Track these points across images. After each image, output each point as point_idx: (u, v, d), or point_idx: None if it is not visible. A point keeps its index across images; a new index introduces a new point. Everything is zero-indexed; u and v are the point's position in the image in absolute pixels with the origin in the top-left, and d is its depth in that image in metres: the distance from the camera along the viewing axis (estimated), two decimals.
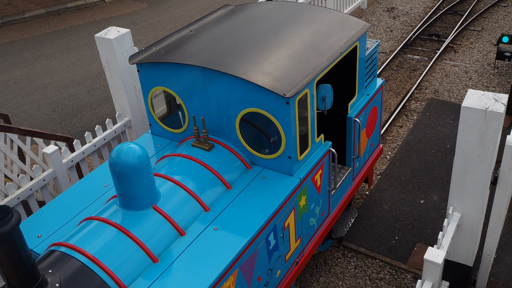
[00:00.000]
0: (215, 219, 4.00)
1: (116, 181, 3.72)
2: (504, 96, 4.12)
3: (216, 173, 4.31)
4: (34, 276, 3.07)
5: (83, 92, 10.14)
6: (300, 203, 4.55)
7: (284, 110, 4.11)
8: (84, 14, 14.66)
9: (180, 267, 3.61)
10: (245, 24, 5.00)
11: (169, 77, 4.68)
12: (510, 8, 12.00)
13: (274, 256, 4.33)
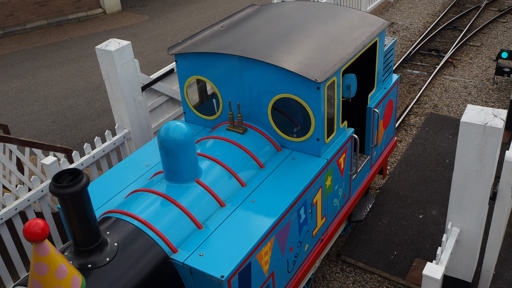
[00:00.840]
0: (251, 193, 4.39)
1: (164, 156, 4.15)
2: (503, 112, 4.13)
3: (251, 154, 4.70)
4: (97, 235, 3.46)
5: (83, 104, 10.15)
6: (326, 183, 4.92)
7: (315, 95, 4.49)
8: (85, 25, 14.73)
9: (223, 233, 3.98)
10: (274, 20, 5.41)
11: (206, 67, 5.04)
12: (509, 24, 12.07)
13: (303, 230, 4.69)
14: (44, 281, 3.04)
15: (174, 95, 7.06)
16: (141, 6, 16.06)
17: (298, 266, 4.77)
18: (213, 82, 5.07)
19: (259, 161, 4.71)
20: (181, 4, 15.95)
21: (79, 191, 3.16)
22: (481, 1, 13.63)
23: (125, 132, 6.30)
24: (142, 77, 6.39)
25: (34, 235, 2.85)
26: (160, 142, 4.09)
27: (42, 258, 2.99)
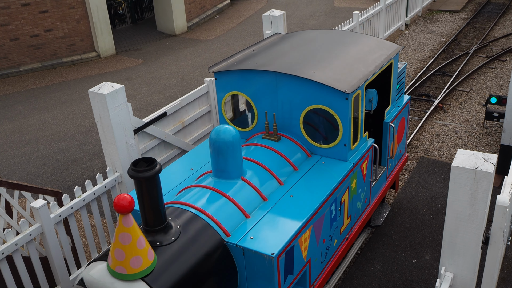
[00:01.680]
0: (289, 190, 5.00)
1: (214, 156, 4.77)
2: (494, 156, 4.15)
3: (286, 158, 5.32)
4: (164, 217, 4.01)
5: (74, 146, 10.13)
6: (352, 185, 5.51)
7: (344, 105, 5.12)
8: (79, 69, 14.87)
9: (269, 221, 4.58)
10: (301, 44, 6.15)
11: (243, 83, 5.68)
12: (497, 70, 12.32)
13: (334, 225, 5.27)
14: (126, 249, 3.54)
15: (167, 138, 7.06)
16: (135, 50, 16.28)
17: (328, 258, 5.33)
18: (250, 96, 5.71)
19: (293, 164, 5.34)
20: (174, 48, 16.19)
21: (153, 175, 3.73)
22: (470, 48, 13.95)
23: (117, 175, 6.26)
24: (134, 120, 6.41)
25: (122, 207, 3.38)
26: (212, 143, 4.72)
27: (127, 228, 3.49)
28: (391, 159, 6.63)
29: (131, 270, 3.61)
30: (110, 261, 3.66)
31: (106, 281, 3.71)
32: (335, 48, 5.96)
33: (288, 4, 20.42)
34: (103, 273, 3.75)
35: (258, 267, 4.30)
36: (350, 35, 6.44)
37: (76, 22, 15.16)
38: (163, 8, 17.59)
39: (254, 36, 16.55)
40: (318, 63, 5.51)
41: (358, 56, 5.79)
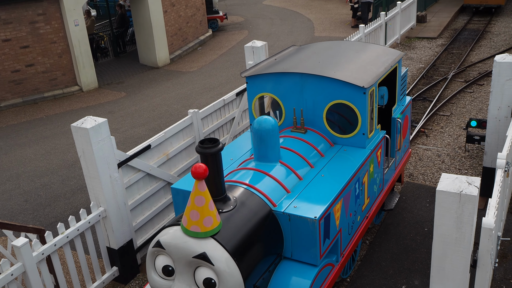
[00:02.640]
0: (320, 171, 5.77)
1: (257, 142, 5.60)
2: (477, 179, 4.19)
3: (313, 146, 6.11)
4: (224, 190, 4.77)
5: (57, 182, 10.00)
6: (370, 169, 6.29)
7: (362, 98, 5.96)
8: (61, 103, 14.80)
9: (307, 194, 5.34)
10: (318, 52, 7.06)
11: (271, 85, 6.49)
12: (475, 94, 12.54)
13: (357, 202, 6.02)
14: (200, 211, 4.23)
15: (151, 171, 7.01)
16: (118, 83, 16.29)
17: (353, 232, 6.07)
18: (278, 96, 6.52)
19: (320, 151, 6.12)
20: (157, 80, 16.23)
21: (217, 151, 4.47)
22: (448, 73, 14.22)
23: (101, 210, 6.18)
24: (118, 154, 6.37)
25: (199, 174, 4.05)
26: (255, 132, 5.55)
27: (201, 192, 4.18)
28: (398, 151, 7.46)
29: (204, 228, 4.29)
30: (185, 222, 4.35)
31: (181, 240, 4.36)
32: (348, 54, 6.91)
33: (269, 34, 20.70)
34: (178, 233, 4.42)
35: (302, 231, 5.03)
36: (359, 44, 7.54)
37: (58, 57, 15.16)
38: (145, 41, 17.70)
39: (236, 67, 16.69)
40: (336, 66, 6.38)
41: (369, 60, 6.72)
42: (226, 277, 4.27)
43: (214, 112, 8.28)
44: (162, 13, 17.42)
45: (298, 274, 5.11)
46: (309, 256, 5.14)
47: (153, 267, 4.61)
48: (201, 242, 4.32)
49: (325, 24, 21.48)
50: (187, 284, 4.39)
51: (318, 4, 26.23)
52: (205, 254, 4.26)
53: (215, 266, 4.26)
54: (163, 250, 4.46)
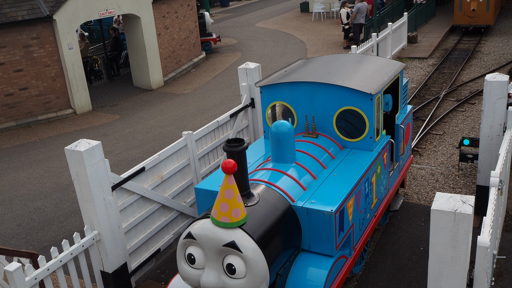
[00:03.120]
0: (332, 171, 6.22)
1: (275, 145, 6.07)
2: (471, 198, 4.20)
3: (325, 149, 6.57)
4: (248, 186, 5.23)
5: (50, 205, 9.93)
6: (377, 170, 6.73)
7: (369, 104, 6.41)
8: (55, 126, 14.79)
9: (323, 191, 5.78)
10: (326, 64, 7.53)
11: (284, 93, 6.98)
12: (467, 113, 12.64)
13: (367, 200, 6.48)
14: (229, 203, 4.63)
15: (145, 194, 6.99)
16: (112, 106, 16.31)
17: (364, 228, 6.49)
18: (290, 104, 7.00)
19: (331, 154, 6.58)
20: (151, 103, 16.27)
21: (242, 150, 4.95)
22: (440, 92, 14.34)
23: (94, 234, 6.13)
24: (112, 177, 6.34)
25: (229, 168, 4.47)
26: (272, 135, 6.03)
27: (230, 186, 4.57)
28: (402, 156, 7.94)
29: (232, 219, 4.69)
30: (215, 214, 4.73)
31: (211, 231, 4.76)
32: (354, 65, 7.40)
33: (262, 56, 20.86)
34: (208, 225, 4.81)
35: (319, 224, 5.47)
36: (363, 56, 8.13)
37: (51, 80, 15.19)
38: (139, 63, 17.79)
39: (230, 88, 16.78)
40: (344, 75, 6.86)
41: (374, 70, 7.21)
42: (253, 263, 4.68)
43: (208, 133, 8.29)
44: (155, 36, 17.55)
45: (316, 264, 5.55)
46: (326, 248, 5.58)
47: (184, 258, 4.98)
48: (230, 232, 4.71)
49: (318, 46, 21.69)
50: (217, 271, 4.77)
51: (310, 26, 26.51)
52: (234, 242, 4.66)
53: (243, 253, 4.65)
54: (194, 240, 4.83)
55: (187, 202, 7.96)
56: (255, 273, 4.69)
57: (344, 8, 20.57)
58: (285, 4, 36.05)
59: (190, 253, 4.89)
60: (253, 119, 9.35)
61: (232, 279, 4.73)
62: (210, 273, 4.77)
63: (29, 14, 14.26)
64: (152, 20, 17.31)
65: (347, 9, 20.48)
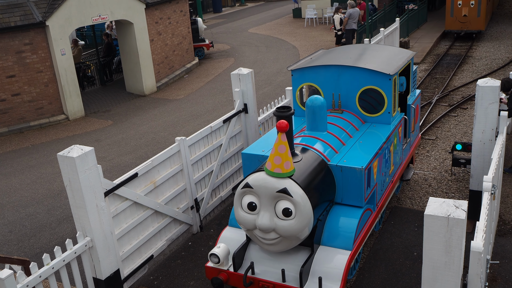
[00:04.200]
0: (358, 139, 7.19)
1: (310, 116, 7.07)
2: (464, 203, 4.21)
3: (350, 122, 7.53)
4: (293, 146, 6.19)
5: (42, 211, 9.86)
6: (394, 142, 7.74)
7: (388, 84, 7.44)
8: (48, 132, 14.72)
9: (352, 153, 6.75)
10: (347, 52, 8.62)
11: (312, 75, 7.93)
12: (459, 118, 12.71)
13: (386, 165, 7.49)
14: (282, 156, 5.55)
15: (138, 200, 6.96)
16: (104, 112, 16.26)
17: (384, 189, 7.54)
18: (318, 85, 7.92)
19: (355, 126, 7.53)
20: (144, 108, 16.24)
21: (291, 115, 5.96)
22: (432, 97, 14.41)
23: (87, 240, 6.10)
24: (105, 183, 6.32)
25: (283, 127, 5.45)
26: (308, 108, 7.04)
27: (283, 142, 5.50)
28: (412, 133, 8.88)
29: (284, 170, 5.60)
30: (270, 166, 5.64)
31: (265, 180, 5.67)
32: (372, 53, 8.52)
33: (255, 61, 20.89)
34: (262, 176, 5.73)
35: (351, 178, 6.43)
36: (379, 46, 9.19)
37: (44, 86, 15.13)
38: (132, 69, 17.76)
39: (223, 94, 16.78)
40: (365, 60, 7.89)
41: (389, 56, 8.26)
42: (301, 207, 5.59)
43: (202, 139, 8.28)
44: (148, 42, 17.54)
45: (348, 214, 6.52)
46: (356, 200, 6.54)
47: (240, 205, 5.88)
48: (281, 181, 5.63)
49: (311, 51, 21.74)
50: (270, 214, 5.66)
51: (303, 31, 26.60)
52: (286, 189, 5.57)
53: (294, 198, 5.56)
54: (251, 189, 5.74)
55: (180, 208, 7.93)
56: (303, 215, 5.61)
57: (338, 14, 20.65)
58: (278, 10, 36.17)
59: (245, 201, 5.82)
60: (246, 124, 9.35)
61: (283, 221, 5.64)
62: (265, 216, 5.67)
63: (21, 20, 14.21)
64: (145, 26, 17.30)
65: (341, 15, 20.56)
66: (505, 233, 7.81)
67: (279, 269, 6.08)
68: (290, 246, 5.88)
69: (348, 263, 6.08)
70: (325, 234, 6.40)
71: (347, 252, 6.19)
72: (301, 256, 6.19)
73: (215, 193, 8.93)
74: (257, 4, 41.84)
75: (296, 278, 5.95)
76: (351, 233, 6.29)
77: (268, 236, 5.76)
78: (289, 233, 5.65)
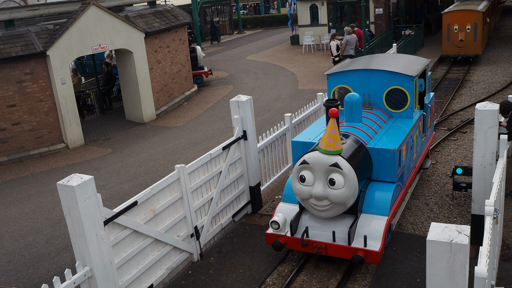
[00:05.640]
0: (387, 129, 8.63)
1: (348, 109, 8.53)
2: (467, 228, 4.18)
3: (379, 116, 8.99)
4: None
5: (41, 241, 9.78)
6: (416, 133, 9.20)
7: (410, 84, 8.93)
8: (47, 161, 14.70)
9: (385, 139, 8.20)
10: (373, 59, 10.30)
11: (345, 78, 9.33)
12: (459, 142, 12.72)
13: (410, 152, 8.94)
14: (333, 137, 6.97)
15: (138, 228, 6.91)
16: (104, 140, 16.28)
17: (409, 172, 8.96)
18: (350, 86, 9.29)
19: (384, 119, 8.98)
20: (144, 136, 16.26)
21: (338, 105, 7.37)
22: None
23: (86, 270, 6.03)
24: (104, 211, 6.28)
25: (334, 113, 6.91)
26: (347, 103, 8.52)
27: (334, 126, 6.99)
28: (429, 128, 10.37)
29: (335, 148, 7.05)
30: (323, 145, 7.08)
31: (319, 157, 7.12)
32: (394, 59, 9.99)
33: (254, 88, 21.02)
34: (316, 154, 7.17)
35: (386, 158, 7.89)
36: (397, 54, 11.72)
37: (44, 115, 15.18)
38: (131, 97, 17.85)
39: (222, 121, 16.83)
40: (390, 65, 9.38)
41: (409, 62, 9.77)
42: (350, 177, 7.01)
43: (201, 166, 8.27)
44: (148, 70, 17.68)
45: (384, 188, 7.94)
46: (390, 176, 7.97)
47: (298, 179, 7.31)
48: (332, 157, 7.06)
49: (309, 77, 21.91)
50: (323, 185, 7.12)
51: (301, 58, 26.84)
52: (337, 163, 7.01)
53: (343, 170, 6.98)
54: (307, 165, 7.17)
55: (180, 236, 7.87)
56: (351, 185, 7.01)
57: (334, 40, 20.87)
58: (276, 37, 36.55)
59: (302, 175, 7.24)
60: (246, 151, 9.35)
61: (334, 190, 7.06)
62: (319, 186, 7.11)
63: (23, 50, 14.34)
64: (144, 54, 17.46)
65: (337, 41, 20.78)
66: (509, 258, 7.73)
67: (329, 232, 7.46)
68: (338, 212, 7.32)
69: (386, 226, 7.46)
70: (365, 204, 7.77)
71: (384, 217, 7.57)
72: (346, 221, 7.57)
73: (215, 220, 8.88)
74: (255, 31, 42.30)
75: (344, 238, 7.39)
76: (387, 203, 7.68)
77: (321, 203, 7.20)
78: (339, 200, 7.09)
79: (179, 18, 20.03)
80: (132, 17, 17.41)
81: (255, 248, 8.64)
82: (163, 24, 18.66)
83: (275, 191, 10.92)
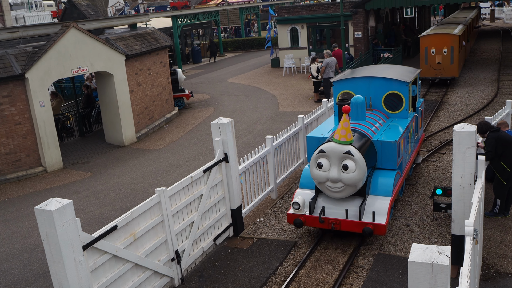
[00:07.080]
0: (387, 127, 10.13)
1: (354, 109, 9.93)
2: (447, 248, 4.20)
3: (379, 116, 10.43)
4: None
5: (18, 267, 9.55)
6: (410, 131, 10.66)
7: (405, 89, 10.55)
8: (25, 185, 14.45)
9: (386, 134, 9.69)
10: (371, 68, 11.91)
11: (349, 85, 10.93)
12: (438, 163, 12.86)
13: (406, 147, 10.36)
14: (346, 129, 8.50)
15: (118, 253, 6.79)
16: (83, 163, 16.09)
17: (406, 163, 10.49)
18: (353, 91, 10.84)
19: (383, 119, 10.44)
20: (124, 159, 16.12)
21: (349, 103, 9.75)
22: None
23: None
24: (83, 236, 6.17)
25: (347, 109, 8.57)
26: (353, 103, 9.91)
27: (347, 120, 8.51)
28: (419, 129, 12.06)
29: (347, 139, 8.45)
30: (337, 136, 8.46)
31: (334, 146, 8.51)
32: (391, 69, 11.54)
33: (235, 111, 21.07)
34: (332, 144, 8.57)
35: (388, 149, 9.35)
36: (392, 65, 12.95)
37: (22, 138, 14.97)
38: (111, 120, 17.73)
39: (203, 143, 16.79)
40: (387, 73, 10.93)
41: (403, 71, 11.36)
42: (360, 163, 8.46)
43: (182, 189, 8.21)
44: (128, 93, 17.62)
45: (386, 174, 9.37)
46: (391, 164, 9.45)
47: (316, 166, 8.71)
48: (345, 147, 8.46)
49: (289, 100, 22.06)
50: (338, 169, 8.53)
51: (282, 80, 27.05)
52: (350, 151, 8.42)
53: (355, 157, 8.41)
54: (324, 153, 8.59)
55: (161, 261, 7.76)
56: (361, 169, 8.46)
57: (315, 63, 21.12)
58: (257, 60, 36.84)
59: (319, 162, 8.65)
60: (227, 173, 9.32)
61: (347, 174, 8.49)
62: (334, 170, 8.55)
63: (0, 73, 14.19)
64: (125, 77, 17.42)
65: (317, 64, 21.03)
66: (489, 278, 7.78)
67: (343, 210, 8.89)
68: (350, 193, 8.75)
69: (390, 205, 8.94)
70: (372, 187, 9.19)
71: (388, 198, 9.04)
72: (356, 202, 8.98)
73: (196, 244, 8.78)
74: (235, 54, 42.59)
75: (355, 215, 8.82)
76: (390, 186, 9.14)
77: (336, 185, 8.62)
78: (351, 182, 8.49)
79: (160, 41, 20.08)
80: (113, 40, 17.40)
81: (236, 271, 8.56)
82: (143, 46, 18.69)
83: (256, 213, 10.87)
